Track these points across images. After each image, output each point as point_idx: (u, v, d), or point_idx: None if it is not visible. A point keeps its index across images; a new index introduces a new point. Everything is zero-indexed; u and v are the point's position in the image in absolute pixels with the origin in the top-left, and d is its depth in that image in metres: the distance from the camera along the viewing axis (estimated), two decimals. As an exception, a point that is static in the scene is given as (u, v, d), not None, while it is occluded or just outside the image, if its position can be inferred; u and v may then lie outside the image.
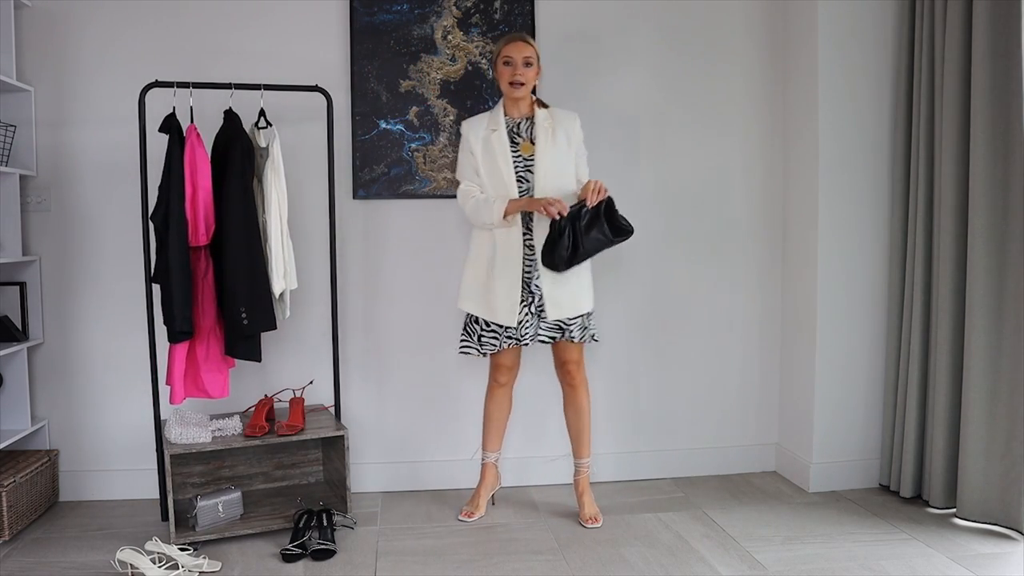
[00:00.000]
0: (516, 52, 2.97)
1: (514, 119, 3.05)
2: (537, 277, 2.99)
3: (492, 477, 3.27)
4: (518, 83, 2.97)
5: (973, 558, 2.79)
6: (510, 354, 3.13)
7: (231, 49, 3.33)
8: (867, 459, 3.51)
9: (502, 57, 2.99)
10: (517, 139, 3.02)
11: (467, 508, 3.23)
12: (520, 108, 3.05)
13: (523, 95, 3.01)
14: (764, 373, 3.73)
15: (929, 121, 3.22)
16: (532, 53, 2.98)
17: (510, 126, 3.03)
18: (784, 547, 2.92)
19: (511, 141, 3.00)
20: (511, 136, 3.01)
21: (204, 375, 3.04)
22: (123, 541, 2.91)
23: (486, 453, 3.25)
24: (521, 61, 2.96)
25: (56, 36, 3.27)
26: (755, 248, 3.68)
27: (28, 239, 3.32)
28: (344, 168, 3.41)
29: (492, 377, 3.19)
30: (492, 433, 3.23)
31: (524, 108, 3.05)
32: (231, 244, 2.95)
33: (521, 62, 2.96)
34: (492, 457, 3.25)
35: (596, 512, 3.18)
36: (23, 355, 3.27)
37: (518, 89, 2.98)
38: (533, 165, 2.98)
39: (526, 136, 3.02)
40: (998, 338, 2.98)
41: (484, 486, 3.25)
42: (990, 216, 2.98)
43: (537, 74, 3.03)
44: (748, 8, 3.60)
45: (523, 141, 3.01)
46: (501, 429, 3.24)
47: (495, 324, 3.03)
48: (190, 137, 2.92)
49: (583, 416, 3.20)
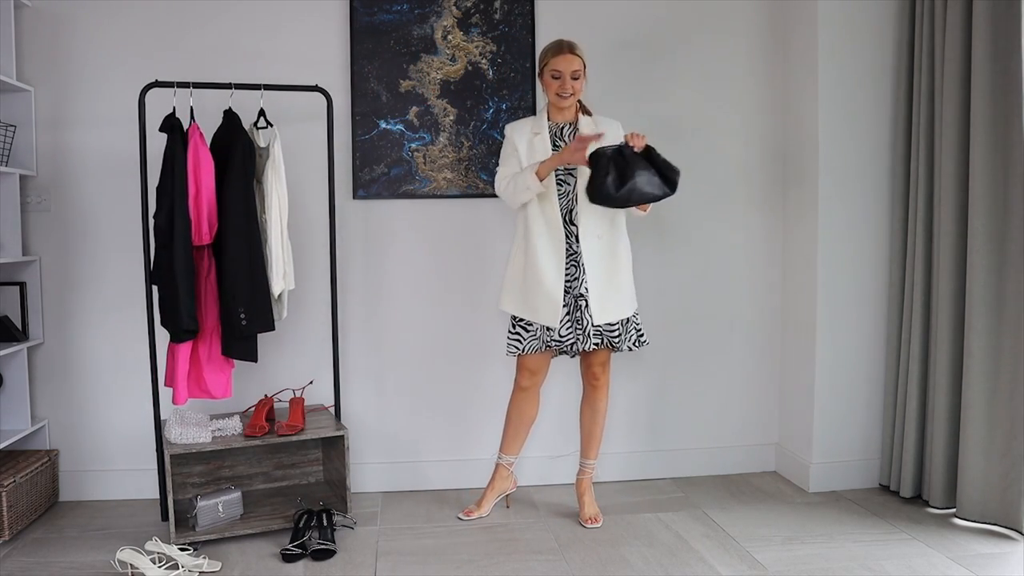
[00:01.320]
0: (565, 66, 2.97)
1: (557, 124, 3.06)
2: (583, 284, 2.97)
3: (502, 480, 3.25)
4: (567, 95, 2.98)
5: (973, 558, 2.79)
6: (538, 358, 3.09)
7: (231, 49, 3.33)
8: (867, 459, 3.51)
9: (550, 70, 2.99)
10: (560, 143, 3.03)
11: (469, 507, 3.23)
12: (565, 114, 3.06)
13: (570, 104, 3.03)
14: (764, 373, 3.73)
15: (929, 121, 3.22)
16: (580, 65, 2.98)
17: (553, 131, 3.05)
18: (784, 547, 2.92)
19: (553, 145, 3.02)
20: (553, 140, 3.03)
21: (207, 375, 3.04)
22: (123, 541, 2.91)
23: (502, 455, 3.24)
24: (570, 75, 2.97)
25: (56, 36, 3.27)
26: (755, 248, 3.68)
27: (28, 239, 3.32)
28: (344, 168, 3.41)
29: (516, 380, 3.17)
30: (509, 437, 3.21)
31: (568, 114, 3.07)
32: (231, 244, 2.95)
33: (570, 75, 2.97)
34: (506, 460, 3.24)
35: (596, 512, 3.17)
36: (23, 355, 3.27)
37: (566, 100, 3.00)
38: (575, 169, 2.98)
39: (569, 141, 3.02)
40: (998, 338, 2.98)
41: (492, 488, 3.24)
42: (990, 216, 2.98)
43: (584, 82, 3.03)
44: (748, 8, 3.60)
45: (565, 146, 3.00)
46: (520, 434, 3.21)
47: (537, 325, 3.01)
48: (193, 136, 2.92)
49: (599, 418, 3.20)
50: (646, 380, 3.65)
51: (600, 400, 3.19)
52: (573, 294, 2.99)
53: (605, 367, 3.15)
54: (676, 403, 3.68)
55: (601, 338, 3.02)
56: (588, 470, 3.23)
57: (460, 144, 3.46)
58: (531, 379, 3.13)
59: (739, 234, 3.67)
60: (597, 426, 3.21)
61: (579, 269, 2.99)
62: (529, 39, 3.45)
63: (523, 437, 3.23)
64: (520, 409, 3.17)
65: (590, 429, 3.21)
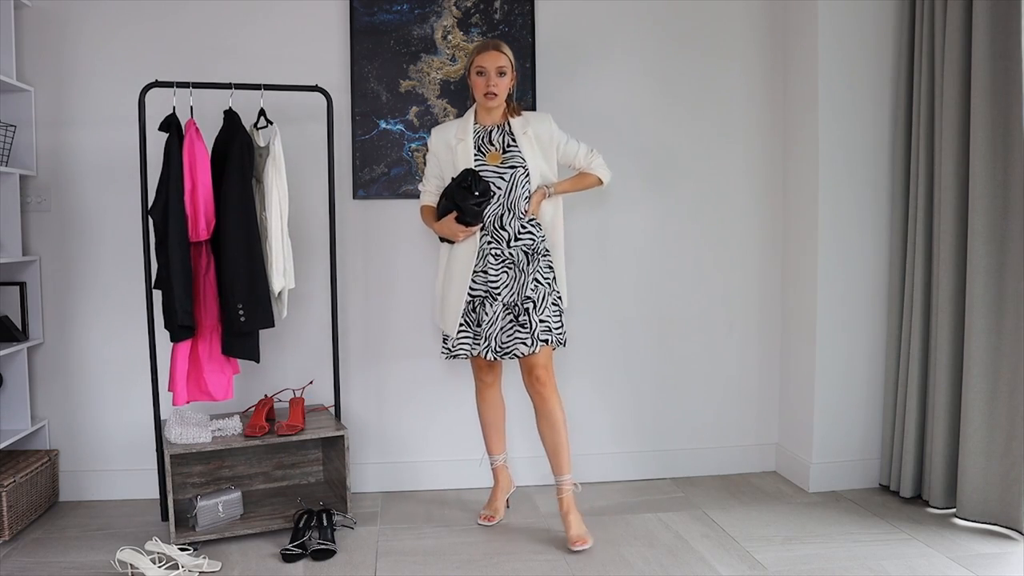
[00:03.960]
0: (489, 62, 2.88)
1: (485, 127, 2.98)
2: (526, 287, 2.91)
3: (504, 479, 3.24)
4: (492, 94, 2.91)
5: (973, 558, 2.79)
6: (479, 359, 3.06)
7: (231, 49, 3.33)
8: (867, 459, 3.51)
9: (475, 67, 2.91)
10: (489, 147, 2.96)
11: (486, 512, 3.19)
12: (493, 116, 2.98)
13: (497, 105, 2.95)
14: (764, 373, 3.73)
15: (929, 121, 3.22)
16: (506, 63, 2.90)
17: (480, 134, 2.98)
18: (784, 547, 2.92)
19: (477, 150, 2.95)
20: (479, 144, 2.96)
21: (207, 376, 3.03)
22: (123, 541, 2.91)
23: (493, 457, 3.23)
24: (495, 71, 2.89)
25: (56, 36, 3.27)
26: (755, 248, 3.69)
27: (28, 239, 3.32)
28: (344, 168, 3.41)
29: (477, 379, 3.16)
30: (491, 436, 3.21)
31: (497, 116, 2.99)
32: (230, 240, 2.95)
33: (495, 72, 2.89)
34: (499, 460, 3.23)
35: (584, 533, 2.91)
36: (23, 355, 3.27)
37: (492, 99, 2.92)
38: (507, 173, 2.91)
39: (498, 144, 2.95)
40: (998, 338, 2.98)
41: (500, 489, 3.23)
42: (990, 216, 2.98)
43: (512, 82, 2.96)
44: (748, 8, 3.60)
45: (493, 150, 2.95)
46: (500, 430, 3.21)
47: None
48: (189, 132, 2.91)
49: (558, 429, 2.95)
50: (646, 380, 3.65)
51: (552, 409, 2.94)
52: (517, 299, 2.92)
53: (548, 371, 2.94)
54: (676, 403, 3.68)
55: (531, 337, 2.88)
56: (565, 487, 2.97)
57: (460, 144, 3.46)
58: (491, 373, 3.12)
59: (739, 234, 3.67)
60: (560, 438, 2.95)
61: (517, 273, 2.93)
62: (529, 39, 3.45)
63: (503, 433, 3.21)
64: (491, 406, 3.16)
65: (553, 443, 2.96)
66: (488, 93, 2.91)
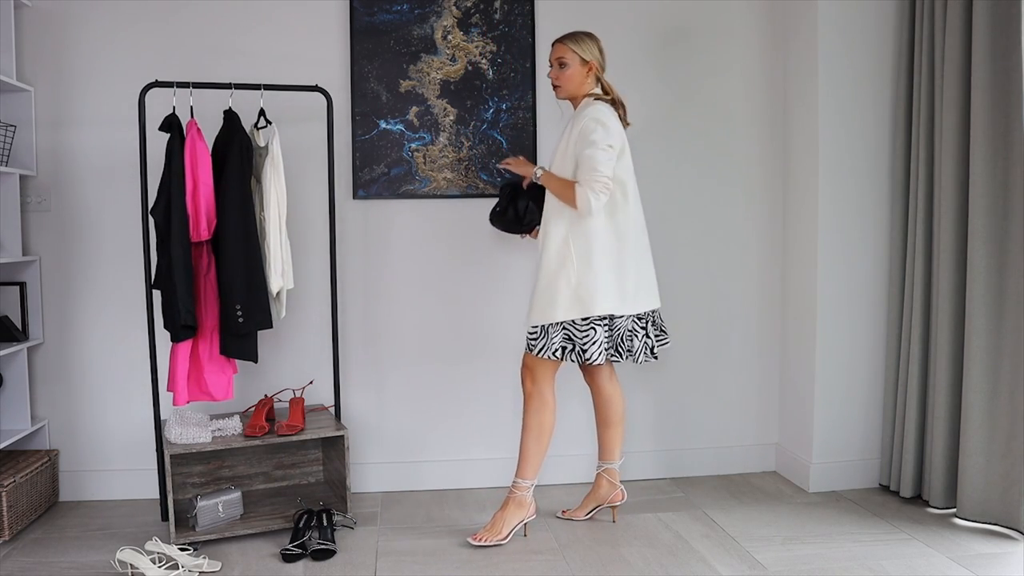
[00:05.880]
0: (552, 54, 2.96)
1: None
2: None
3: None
4: (555, 86, 2.97)
5: (973, 558, 2.79)
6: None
7: (231, 49, 3.33)
8: (867, 459, 3.51)
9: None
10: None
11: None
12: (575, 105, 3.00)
13: (563, 97, 2.99)
14: (764, 373, 3.73)
15: (929, 121, 3.22)
16: (564, 51, 2.92)
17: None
18: (784, 547, 2.92)
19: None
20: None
21: (208, 376, 3.03)
22: (123, 541, 2.91)
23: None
24: (556, 63, 2.94)
25: (56, 36, 3.27)
26: (755, 248, 3.69)
27: (28, 239, 3.32)
28: (344, 168, 3.42)
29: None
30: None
31: (574, 106, 3.00)
32: (228, 240, 2.95)
33: (556, 64, 2.94)
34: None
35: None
36: (23, 355, 3.27)
37: (557, 92, 2.98)
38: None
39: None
40: (998, 338, 2.98)
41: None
42: (990, 216, 2.98)
43: (582, 72, 2.91)
44: (748, 8, 3.60)
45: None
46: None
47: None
48: (190, 132, 2.92)
49: (524, 432, 2.96)
50: (646, 380, 3.65)
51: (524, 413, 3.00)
52: None
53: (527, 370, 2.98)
54: (676, 403, 3.68)
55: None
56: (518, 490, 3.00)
57: (460, 144, 3.46)
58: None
59: (739, 234, 3.67)
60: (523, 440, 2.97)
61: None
62: (529, 39, 3.45)
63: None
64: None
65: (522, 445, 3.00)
66: (552, 86, 2.98)
